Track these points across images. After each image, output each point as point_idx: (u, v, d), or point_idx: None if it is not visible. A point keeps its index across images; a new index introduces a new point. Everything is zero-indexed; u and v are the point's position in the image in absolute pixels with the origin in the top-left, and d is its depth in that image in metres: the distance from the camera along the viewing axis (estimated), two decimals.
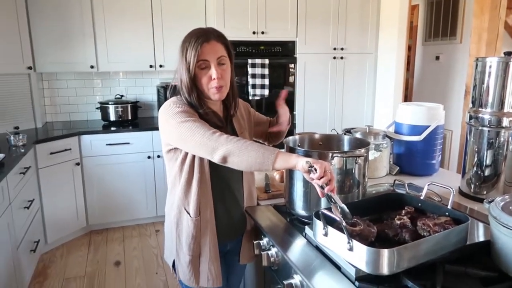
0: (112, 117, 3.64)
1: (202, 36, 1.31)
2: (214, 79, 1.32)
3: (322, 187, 1.12)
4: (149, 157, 3.51)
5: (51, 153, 3.09)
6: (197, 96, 1.35)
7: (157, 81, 4.02)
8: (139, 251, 3.19)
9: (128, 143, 3.44)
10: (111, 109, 3.63)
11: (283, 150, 1.30)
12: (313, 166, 1.11)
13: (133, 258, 3.09)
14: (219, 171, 1.40)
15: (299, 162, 1.14)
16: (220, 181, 1.44)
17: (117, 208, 3.51)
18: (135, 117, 3.75)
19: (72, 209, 3.30)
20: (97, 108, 3.76)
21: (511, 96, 1.46)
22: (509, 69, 1.44)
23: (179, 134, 1.28)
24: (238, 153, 1.18)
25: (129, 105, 3.69)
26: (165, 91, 3.53)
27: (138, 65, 3.65)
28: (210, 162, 1.34)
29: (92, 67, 3.49)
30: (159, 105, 3.86)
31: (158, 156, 3.52)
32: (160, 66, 3.66)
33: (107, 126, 3.57)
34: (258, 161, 1.17)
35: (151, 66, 3.65)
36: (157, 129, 3.46)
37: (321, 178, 1.10)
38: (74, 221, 3.33)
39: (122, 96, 3.84)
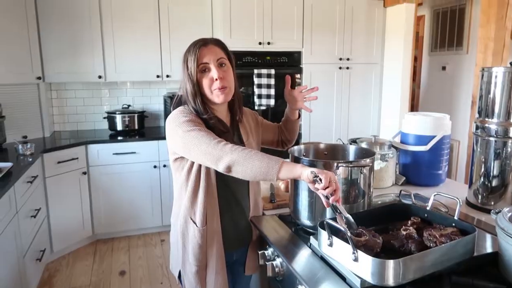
0: (119, 127, 3.67)
1: (200, 42, 1.36)
2: (216, 79, 1.34)
3: (327, 197, 1.11)
4: (155, 167, 3.52)
5: (59, 162, 3.11)
6: (201, 101, 1.36)
7: (164, 91, 4.05)
8: (144, 261, 3.19)
9: (135, 152, 3.46)
10: (118, 119, 3.66)
11: (288, 160, 1.30)
12: (318, 176, 1.11)
13: (138, 267, 3.09)
14: (225, 180, 1.40)
15: (304, 172, 1.14)
16: (227, 191, 1.44)
17: (123, 218, 3.52)
18: (141, 127, 3.78)
19: (78, 218, 3.31)
20: (104, 118, 3.79)
21: None
22: None
23: (184, 143, 1.28)
24: (243, 163, 1.17)
25: (136, 115, 3.72)
26: (172, 101, 3.55)
27: (145, 75, 3.69)
28: (217, 172, 1.35)
29: (100, 77, 3.54)
30: (166, 115, 3.88)
31: (164, 166, 3.53)
32: (167, 76, 3.69)
33: (114, 136, 3.60)
34: (262, 171, 1.16)
35: (158, 76, 3.68)
36: (163, 138, 3.48)
37: (326, 188, 1.10)
38: (80, 230, 3.34)
39: (129, 106, 3.88)
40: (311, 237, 1.24)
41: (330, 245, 1.08)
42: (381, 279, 0.95)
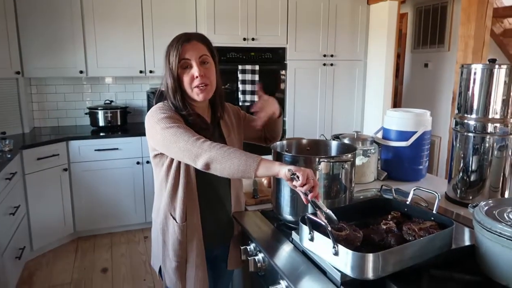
0: (101, 123, 3.61)
1: (183, 37, 1.34)
2: (197, 77, 1.32)
3: (306, 194, 1.11)
4: (138, 163, 3.48)
5: (38, 159, 3.05)
6: (181, 97, 1.35)
7: (147, 87, 4.00)
8: (127, 258, 3.15)
9: (117, 148, 3.41)
10: (100, 115, 3.60)
11: (268, 156, 1.30)
12: (295, 174, 1.11)
13: (120, 264, 3.06)
14: (205, 176, 1.39)
15: (282, 170, 1.14)
16: (207, 187, 1.43)
17: (105, 214, 3.47)
18: (124, 123, 3.73)
19: (59, 215, 3.26)
20: (86, 114, 3.73)
21: (496, 102, 1.48)
22: (493, 76, 1.46)
23: (163, 140, 1.27)
24: (221, 160, 1.17)
25: (118, 111, 3.67)
26: (155, 97, 3.51)
27: (128, 71, 3.64)
28: (196, 168, 1.34)
29: (81, 72, 3.47)
30: (149, 110, 3.84)
31: (147, 162, 3.50)
32: (150, 71, 3.65)
33: (96, 132, 3.54)
34: (240, 169, 1.16)
35: (141, 72, 3.64)
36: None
37: (304, 185, 1.10)
38: (61, 227, 3.29)
39: (111, 101, 3.82)
40: (293, 232, 1.25)
41: (311, 239, 1.08)
42: (360, 272, 0.96)
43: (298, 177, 1.11)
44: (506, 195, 1.57)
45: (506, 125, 1.48)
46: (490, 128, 1.49)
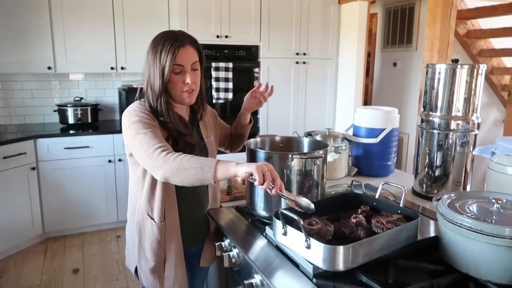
0: (71, 120, 3.52)
1: (178, 41, 1.30)
2: (188, 83, 1.33)
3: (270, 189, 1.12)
4: (110, 161, 3.42)
5: (4, 157, 2.95)
6: (165, 101, 1.33)
7: (118, 84, 3.93)
8: (99, 258, 3.10)
9: (88, 146, 3.34)
10: (70, 112, 3.51)
11: (242, 154, 1.31)
12: (252, 174, 1.09)
13: (92, 264, 3.00)
14: None
15: (239, 171, 1.12)
16: (185, 186, 1.43)
17: (76, 214, 3.39)
18: (95, 120, 3.65)
19: (27, 216, 3.16)
20: (54, 111, 3.63)
21: (458, 100, 1.55)
22: (456, 75, 1.54)
23: (133, 145, 1.29)
24: (177, 173, 1.16)
25: (89, 108, 3.59)
26: (127, 94, 3.46)
27: (99, 67, 3.56)
28: None
29: (49, 68, 3.37)
30: (121, 108, 3.78)
31: (120, 160, 3.45)
32: (122, 68, 3.59)
33: (66, 129, 3.45)
34: (198, 178, 1.14)
35: (112, 68, 3.57)
36: (118, 132, 3.40)
37: (263, 183, 1.08)
38: (29, 228, 3.19)
39: (81, 98, 3.73)
40: (267, 227, 1.27)
41: (285, 234, 1.11)
42: (332, 264, 0.99)
43: (254, 177, 1.08)
44: (468, 188, 1.66)
45: (467, 122, 1.56)
46: (453, 125, 1.56)
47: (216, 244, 1.43)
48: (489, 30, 3.95)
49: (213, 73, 3.58)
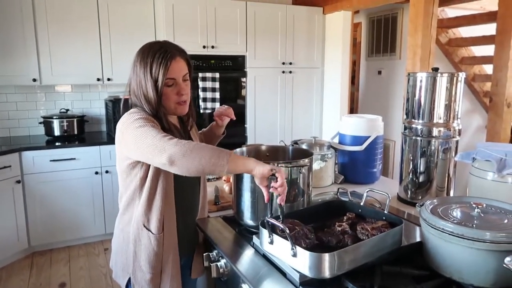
0: (57, 132, 3.49)
1: (169, 53, 1.31)
2: (182, 95, 1.35)
3: (272, 194, 1.15)
4: (96, 173, 3.39)
5: None
6: (163, 111, 1.35)
7: (105, 95, 3.91)
8: (86, 271, 3.06)
9: (74, 158, 3.31)
10: (56, 124, 3.48)
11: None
12: (275, 174, 1.16)
13: (79, 278, 2.96)
14: (182, 185, 1.41)
15: (258, 168, 1.16)
16: (183, 196, 1.44)
17: (62, 227, 3.35)
18: (81, 132, 3.62)
19: (12, 230, 3.10)
20: (40, 123, 3.59)
21: (439, 107, 1.59)
22: (437, 83, 1.58)
23: (134, 140, 1.23)
24: (189, 155, 1.14)
25: (75, 119, 3.56)
26: (114, 105, 3.45)
27: (85, 79, 3.55)
28: (175, 177, 1.35)
29: (34, 80, 3.34)
30: (107, 119, 3.76)
31: (107, 172, 3.42)
32: (108, 79, 3.58)
33: (51, 142, 3.42)
34: (212, 162, 1.14)
35: (98, 80, 3.56)
36: (105, 143, 3.37)
37: (281, 186, 1.16)
38: (14, 242, 3.13)
39: (67, 110, 3.70)
40: (254, 236, 1.28)
41: (271, 242, 1.12)
42: (318, 272, 1.00)
43: (277, 179, 1.16)
44: (452, 193, 1.69)
45: (449, 129, 1.60)
46: (435, 132, 1.60)
47: (204, 254, 1.43)
48: (469, 39, 4.05)
49: (200, 83, 3.59)
